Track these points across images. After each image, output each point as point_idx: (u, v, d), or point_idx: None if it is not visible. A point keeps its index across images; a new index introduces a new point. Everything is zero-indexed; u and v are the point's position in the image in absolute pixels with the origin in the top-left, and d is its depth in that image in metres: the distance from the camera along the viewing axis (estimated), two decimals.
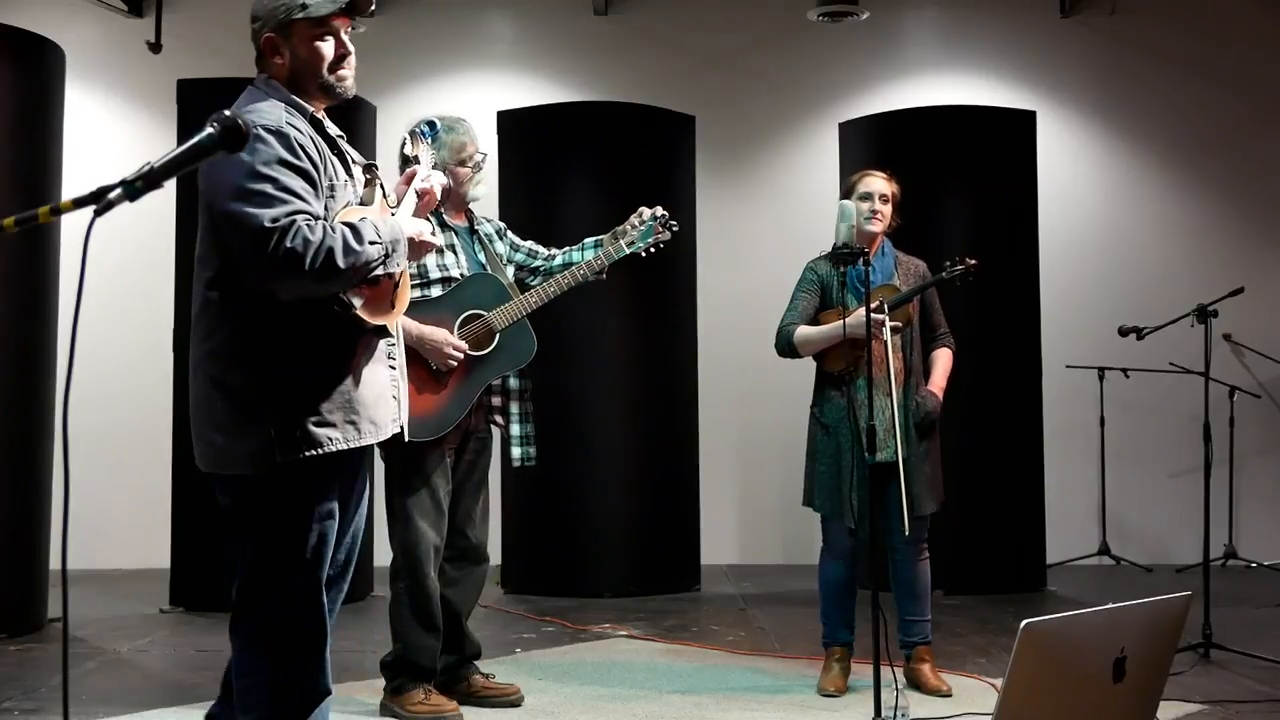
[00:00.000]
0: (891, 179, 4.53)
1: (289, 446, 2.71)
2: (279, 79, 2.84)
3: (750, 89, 8.53)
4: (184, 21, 8.26)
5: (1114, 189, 8.51)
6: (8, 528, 5.56)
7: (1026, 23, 8.57)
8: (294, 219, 2.62)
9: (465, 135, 4.18)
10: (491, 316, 4.08)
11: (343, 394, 2.78)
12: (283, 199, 2.64)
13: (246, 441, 2.71)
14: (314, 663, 2.83)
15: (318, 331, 2.76)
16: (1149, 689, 2.45)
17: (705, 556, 7.22)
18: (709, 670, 4.89)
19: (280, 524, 2.77)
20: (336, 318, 2.75)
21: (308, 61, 2.82)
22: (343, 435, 2.77)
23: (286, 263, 2.60)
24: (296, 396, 2.73)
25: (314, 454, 2.72)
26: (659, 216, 4.25)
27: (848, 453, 4.31)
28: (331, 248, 2.63)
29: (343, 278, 2.67)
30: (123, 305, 7.77)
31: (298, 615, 2.79)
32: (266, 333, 2.73)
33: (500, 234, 4.37)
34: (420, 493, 4.05)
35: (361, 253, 2.68)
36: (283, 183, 2.65)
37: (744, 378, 8.10)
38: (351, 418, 2.79)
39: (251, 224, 2.61)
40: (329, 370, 2.77)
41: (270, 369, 2.73)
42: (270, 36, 2.82)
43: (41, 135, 5.85)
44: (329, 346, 2.78)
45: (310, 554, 2.78)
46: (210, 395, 2.76)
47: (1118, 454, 8.04)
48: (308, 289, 2.68)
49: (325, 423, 2.74)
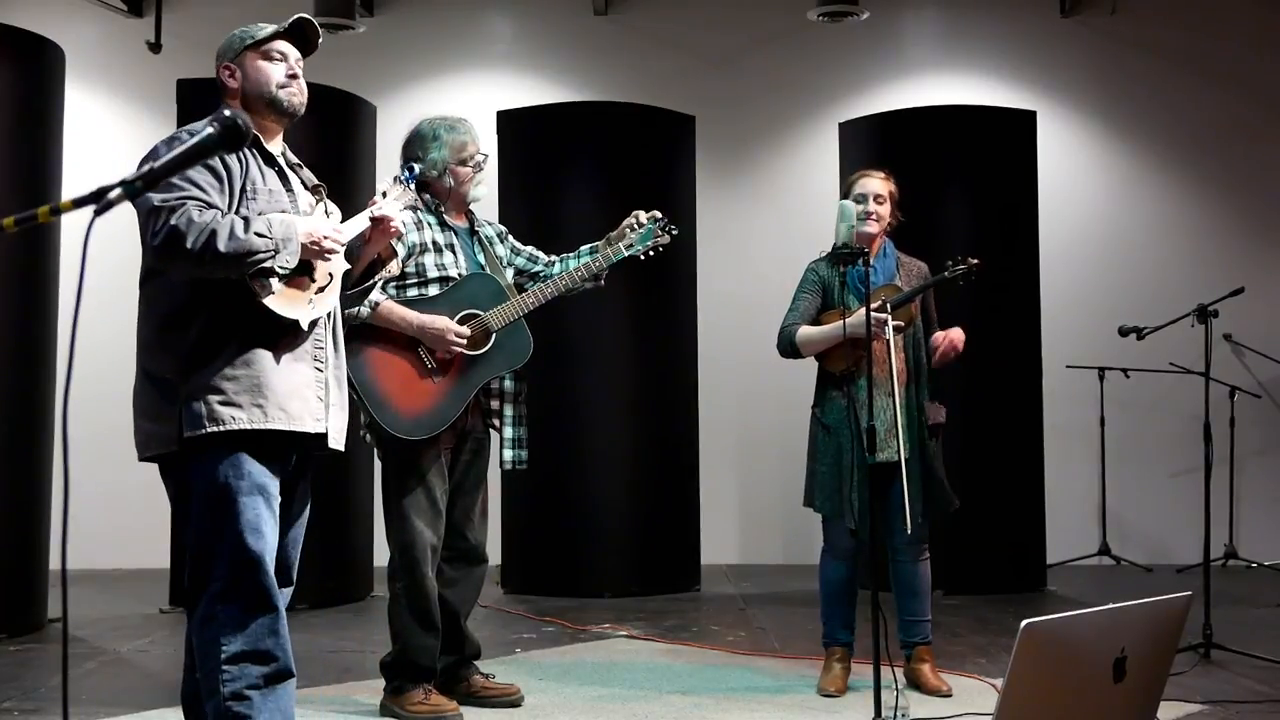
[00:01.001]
0: (888, 178, 4.52)
1: (194, 423, 2.86)
2: (234, 102, 3.07)
3: (750, 89, 8.53)
4: (184, 21, 8.26)
5: (1114, 189, 8.51)
6: (8, 528, 5.56)
7: (1026, 23, 8.57)
8: (184, 202, 2.81)
9: (466, 135, 4.18)
10: (488, 316, 4.07)
11: (251, 379, 2.91)
12: (181, 187, 2.83)
13: (166, 424, 2.89)
14: (270, 634, 2.88)
15: (232, 322, 2.90)
16: (1149, 689, 2.45)
17: (705, 556, 7.22)
18: (709, 670, 4.89)
19: (209, 499, 2.89)
20: (250, 308, 2.89)
21: (257, 82, 3.07)
22: (248, 416, 2.89)
23: (170, 240, 2.78)
24: (206, 379, 2.88)
25: (217, 430, 2.85)
26: (659, 220, 4.24)
27: (849, 453, 4.31)
28: (215, 230, 2.78)
29: (224, 261, 2.80)
30: (123, 305, 7.72)
31: (241, 587, 2.86)
32: (184, 323, 2.90)
33: (501, 237, 4.36)
34: (416, 492, 4.04)
35: (245, 240, 2.81)
36: (187, 174, 2.83)
37: (744, 377, 8.10)
38: (259, 401, 2.91)
39: (146, 205, 2.81)
40: (239, 356, 2.90)
41: (186, 356, 2.89)
42: (227, 65, 3.09)
43: (41, 135, 5.85)
44: (242, 336, 2.91)
45: (246, 527, 2.86)
46: (142, 384, 2.96)
47: (1118, 454, 8.05)
48: (192, 270, 2.84)
49: (230, 403, 2.88)
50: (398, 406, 3.96)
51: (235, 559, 2.85)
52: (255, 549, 2.86)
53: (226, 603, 2.85)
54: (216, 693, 2.84)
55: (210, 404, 2.86)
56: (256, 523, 2.87)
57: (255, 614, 2.86)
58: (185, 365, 2.88)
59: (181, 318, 2.90)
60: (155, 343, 2.94)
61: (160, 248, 2.80)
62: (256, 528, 2.87)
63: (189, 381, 2.87)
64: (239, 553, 2.85)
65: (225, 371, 2.88)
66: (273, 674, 2.88)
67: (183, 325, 2.90)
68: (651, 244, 4.23)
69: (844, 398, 4.32)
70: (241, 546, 2.85)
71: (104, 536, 7.38)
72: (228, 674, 2.84)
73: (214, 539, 2.87)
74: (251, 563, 2.86)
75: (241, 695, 2.84)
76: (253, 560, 2.86)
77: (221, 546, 2.86)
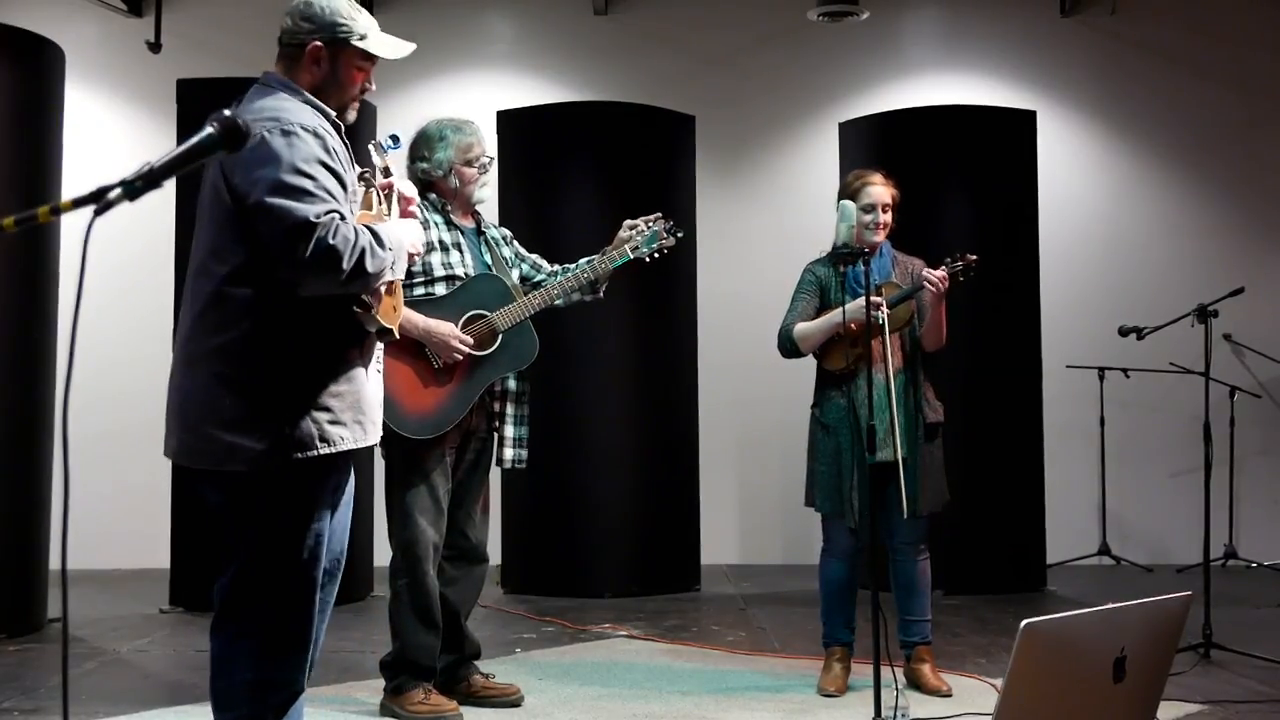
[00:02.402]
0: (890, 183, 4.52)
1: (304, 444, 2.72)
2: (301, 84, 2.87)
3: (750, 89, 8.53)
4: (184, 21, 8.25)
5: (1114, 189, 8.51)
6: (8, 528, 5.56)
7: (1026, 23, 8.57)
8: (333, 217, 2.66)
9: (473, 136, 4.20)
10: (495, 317, 4.08)
11: (353, 395, 2.81)
12: (322, 197, 2.68)
13: (256, 438, 2.70)
14: (298, 664, 2.83)
15: (333, 332, 2.80)
16: (1149, 689, 2.45)
17: (705, 556, 7.22)
18: (709, 670, 4.89)
19: (281, 522, 2.77)
20: (351, 319, 2.79)
21: (343, 83, 2.91)
22: (352, 435, 2.80)
23: (325, 259, 2.63)
24: (313, 395, 2.74)
25: (329, 451, 2.75)
26: (666, 224, 4.25)
27: (847, 452, 4.31)
28: (364, 249, 2.68)
29: (365, 280, 2.72)
30: (123, 305, 7.76)
31: (288, 616, 2.79)
32: (284, 330, 2.74)
33: (506, 240, 4.37)
34: (420, 490, 4.05)
35: (384, 257, 2.75)
36: (320, 182, 2.69)
37: (744, 377, 8.10)
38: (359, 418, 2.82)
39: (294, 217, 2.63)
40: (342, 370, 2.80)
41: (287, 366, 2.73)
42: (319, 46, 2.86)
43: (41, 135, 5.85)
44: (342, 347, 2.81)
45: (307, 554, 2.78)
46: (215, 391, 2.73)
47: (1118, 454, 8.04)
48: (333, 287, 2.71)
49: (338, 421, 2.77)
50: (404, 405, 3.96)
51: (290, 586, 2.78)
52: (312, 577, 2.81)
53: (270, 627, 2.78)
54: (235, 709, 2.80)
55: (320, 423, 2.73)
56: (317, 548, 2.80)
57: (294, 641, 2.80)
58: (284, 374, 2.73)
59: (281, 323, 2.73)
60: (244, 348, 2.72)
61: (312, 265, 2.63)
62: (316, 554, 2.80)
63: (294, 396, 2.73)
64: (296, 580, 2.78)
65: (331, 388, 2.76)
66: (289, 699, 2.83)
67: (282, 331, 2.73)
68: (657, 246, 4.24)
69: (843, 397, 4.32)
70: (300, 574, 2.78)
71: (104, 536, 7.38)
72: (251, 695, 2.78)
73: (273, 562, 2.77)
74: (306, 593, 2.80)
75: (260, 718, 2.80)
76: (308, 589, 2.80)
77: (279, 571, 2.77)
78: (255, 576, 2.79)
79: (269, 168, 2.66)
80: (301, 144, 2.70)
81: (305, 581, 2.80)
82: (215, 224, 2.77)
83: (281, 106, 2.76)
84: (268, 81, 2.88)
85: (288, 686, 2.82)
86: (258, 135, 2.65)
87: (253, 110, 2.75)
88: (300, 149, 2.69)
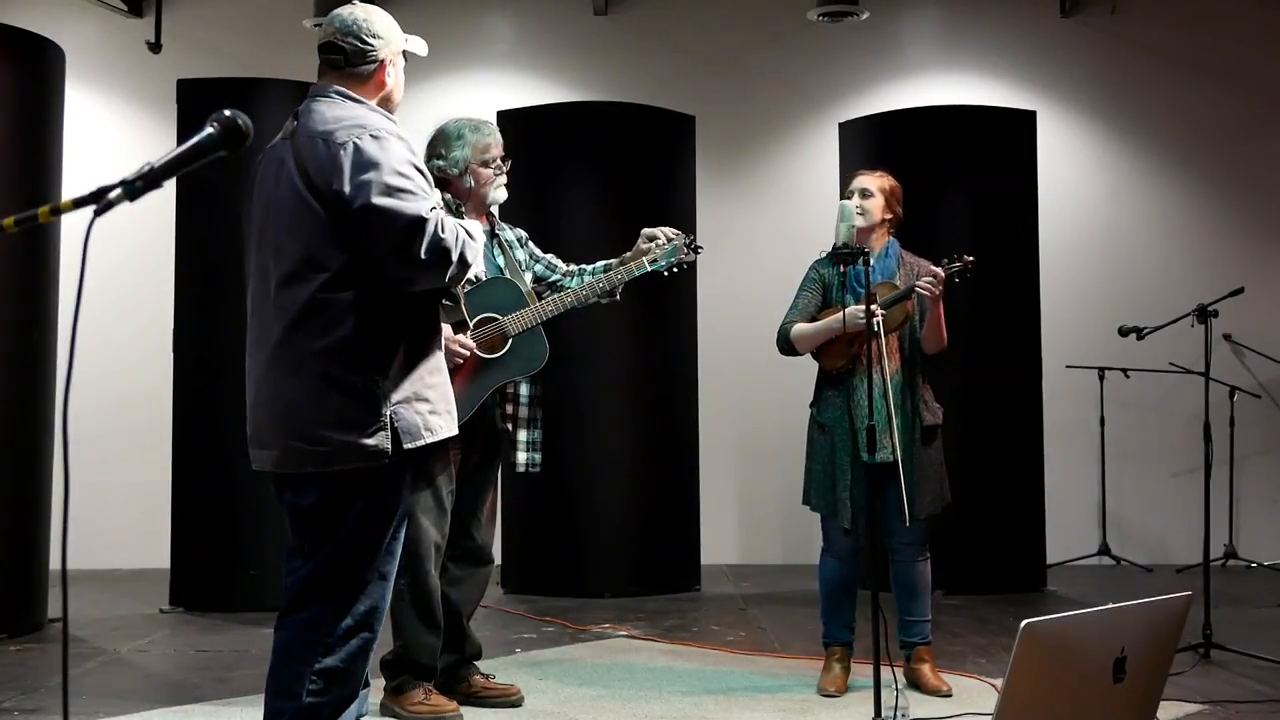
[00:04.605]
0: (882, 174, 4.52)
1: (412, 434, 2.83)
2: (367, 95, 2.96)
3: (750, 89, 8.53)
4: (184, 21, 8.25)
5: (1114, 189, 8.51)
6: (8, 528, 5.56)
7: (1026, 23, 8.57)
8: (439, 213, 2.79)
9: (490, 137, 4.20)
10: (506, 321, 4.08)
11: (444, 385, 2.96)
12: (424, 195, 2.80)
13: (367, 435, 2.79)
14: (365, 655, 2.89)
15: (424, 327, 2.92)
16: (1149, 689, 2.45)
17: (705, 556, 7.22)
18: (709, 670, 4.89)
19: (378, 513, 2.85)
20: (436, 313, 2.92)
21: (397, 89, 3.05)
22: (446, 425, 2.92)
23: (439, 253, 2.75)
24: (414, 387, 2.85)
25: (432, 440, 2.87)
26: (685, 238, 4.25)
27: (842, 452, 4.32)
28: (466, 242, 2.82)
29: (465, 271, 2.85)
30: (123, 306, 7.77)
31: (367, 610, 2.85)
32: (386, 329, 2.83)
33: (521, 242, 4.37)
34: (424, 491, 4.04)
35: (477, 249, 2.87)
36: (418, 181, 2.81)
37: (744, 377, 8.10)
38: (449, 408, 2.96)
39: (406, 217, 2.73)
40: (434, 363, 2.93)
41: (391, 363, 2.83)
42: (391, 58, 3.00)
43: (41, 135, 5.85)
44: (430, 341, 2.93)
45: (386, 548, 2.88)
46: (324, 393, 2.79)
47: (1118, 454, 8.04)
48: (441, 280, 2.84)
49: (436, 411, 2.90)
50: None
51: (375, 575, 2.85)
52: (392, 569, 2.91)
53: (343, 614, 2.83)
54: (294, 700, 2.82)
55: (423, 414, 2.85)
56: (394, 543, 2.90)
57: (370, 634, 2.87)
58: (395, 374, 2.82)
59: (385, 325, 2.83)
60: (350, 349, 2.79)
61: (430, 260, 2.75)
62: (393, 550, 2.90)
63: (401, 391, 2.82)
64: (380, 571, 2.87)
65: (427, 380, 2.88)
66: (350, 695, 2.87)
67: (387, 333, 2.83)
68: (676, 261, 4.24)
69: (840, 397, 4.33)
70: (386, 566, 2.88)
71: (104, 536, 7.39)
72: (316, 685, 2.81)
73: (361, 556, 2.84)
74: (385, 585, 2.88)
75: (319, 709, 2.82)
76: (388, 578, 2.89)
77: (367, 561, 2.84)
78: (342, 567, 2.84)
79: (371, 172, 2.75)
80: (394, 147, 2.80)
81: (387, 572, 2.89)
82: (307, 233, 2.81)
83: (359, 114, 2.87)
84: (328, 93, 2.93)
85: (354, 678, 2.87)
86: (348, 144, 2.77)
87: (328, 121, 2.84)
88: (394, 152, 2.80)
